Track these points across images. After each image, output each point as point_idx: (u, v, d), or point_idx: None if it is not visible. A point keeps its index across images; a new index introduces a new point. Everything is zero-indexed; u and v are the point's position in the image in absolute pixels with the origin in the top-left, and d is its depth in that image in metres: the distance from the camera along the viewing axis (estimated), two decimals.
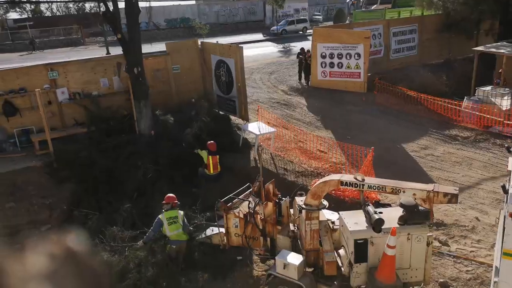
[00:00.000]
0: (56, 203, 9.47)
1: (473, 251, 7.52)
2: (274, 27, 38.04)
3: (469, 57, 18.68)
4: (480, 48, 16.44)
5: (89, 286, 0.74)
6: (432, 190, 5.57)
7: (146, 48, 13.24)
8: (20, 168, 10.09)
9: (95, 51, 30.52)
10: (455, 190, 5.67)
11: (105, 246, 7.41)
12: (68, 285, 0.70)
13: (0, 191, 9.44)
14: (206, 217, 8.20)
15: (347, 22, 35.38)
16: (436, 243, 7.61)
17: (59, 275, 0.68)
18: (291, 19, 39.51)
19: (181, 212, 7.54)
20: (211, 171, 9.86)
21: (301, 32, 37.92)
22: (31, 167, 10.17)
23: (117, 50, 16.47)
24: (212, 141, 9.86)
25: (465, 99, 14.27)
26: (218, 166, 9.96)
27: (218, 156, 9.88)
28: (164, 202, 7.53)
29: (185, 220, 7.57)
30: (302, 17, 41.14)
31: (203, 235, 7.79)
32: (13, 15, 47.87)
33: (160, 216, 7.41)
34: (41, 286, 0.64)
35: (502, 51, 15.31)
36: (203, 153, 9.80)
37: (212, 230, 7.76)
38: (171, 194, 7.64)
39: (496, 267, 5.01)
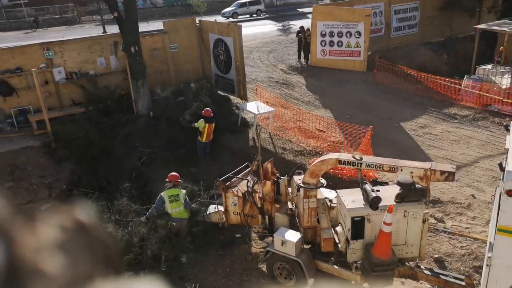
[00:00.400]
0: (55, 182, 9.52)
1: (468, 228, 7.63)
2: (226, 10, 34.53)
3: (471, 35, 18.45)
4: (482, 26, 16.24)
5: (99, 257, 0.75)
6: (429, 168, 5.60)
7: (143, 27, 13.04)
8: (19, 148, 10.09)
9: (91, 30, 30.07)
10: (452, 168, 5.71)
11: (111, 218, 7.52)
12: (78, 256, 0.71)
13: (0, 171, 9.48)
14: (209, 195, 8.28)
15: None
16: (432, 220, 7.72)
17: (68, 246, 0.69)
18: (243, 1, 34.76)
19: (183, 191, 7.61)
20: (204, 139, 10.04)
21: (255, 15, 34.36)
22: (30, 147, 10.18)
23: (113, 29, 16.24)
24: (207, 108, 10.11)
25: (465, 77, 14.18)
26: (212, 135, 10.15)
27: (213, 125, 10.02)
28: (167, 180, 7.61)
29: (187, 198, 7.63)
30: None
31: (207, 212, 7.87)
32: None
33: (162, 193, 7.51)
34: (50, 256, 0.65)
35: (504, 29, 15.11)
36: (200, 122, 9.88)
37: (215, 208, 7.85)
38: (174, 173, 7.71)
39: (490, 242, 5.09)
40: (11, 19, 36.47)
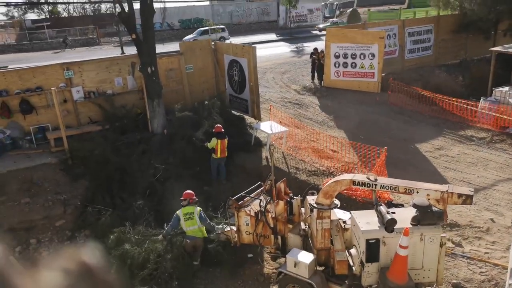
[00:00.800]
0: (70, 199, 9.63)
1: (487, 253, 7.38)
2: (187, 37, 32.93)
3: (486, 57, 18.35)
4: (497, 48, 16.15)
5: None
6: (446, 190, 5.49)
7: (159, 48, 13.36)
8: (36, 164, 10.28)
9: (110, 51, 30.94)
10: (470, 191, 5.58)
11: (129, 237, 7.55)
12: None
13: (17, 187, 9.64)
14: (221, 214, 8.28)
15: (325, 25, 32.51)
16: (450, 244, 7.50)
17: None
18: (205, 28, 34.08)
19: (198, 209, 7.59)
20: (218, 155, 10.09)
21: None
22: (47, 164, 10.36)
23: (131, 50, 16.67)
24: (217, 125, 10.26)
25: (481, 99, 14.02)
26: (226, 151, 10.19)
27: (226, 141, 10.12)
28: (182, 198, 7.63)
29: (203, 215, 7.59)
30: (219, 26, 35.04)
31: (218, 230, 7.82)
32: (31, 16, 48.94)
33: (177, 211, 7.55)
34: None
35: None
36: (213, 141, 9.99)
37: (224, 227, 7.81)
38: (189, 191, 7.73)
39: (511, 269, 4.91)
40: (33, 41, 37.79)
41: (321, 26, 37.37)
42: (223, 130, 10.12)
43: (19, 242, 8.74)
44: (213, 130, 10.18)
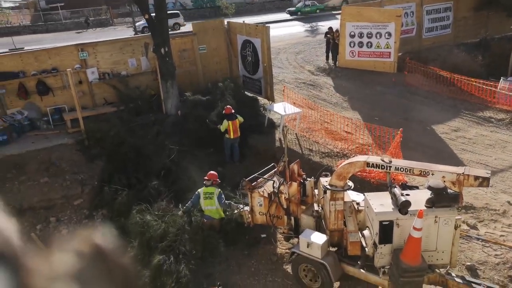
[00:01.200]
0: (87, 179, 9.84)
1: (503, 236, 7.32)
2: (139, 23, 29.96)
3: (508, 36, 17.74)
4: None
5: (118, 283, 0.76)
6: (463, 173, 5.42)
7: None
8: (54, 145, 10.49)
9: (123, 32, 30.91)
10: (487, 173, 5.50)
11: (151, 212, 7.74)
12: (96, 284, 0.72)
13: (36, 167, 9.88)
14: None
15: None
16: (465, 227, 7.46)
17: (86, 273, 0.70)
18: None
19: (218, 190, 7.70)
20: (232, 136, 10.17)
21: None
22: (64, 145, 10.56)
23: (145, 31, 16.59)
24: (227, 106, 10.31)
25: (501, 79, 13.63)
26: (238, 131, 10.26)
27: (238, 121, 10.20)
28: (205, 178, 7.80)
29: (222, 197, 7.69)
30: (173, 11, 31.06)
31: (236, 209, 7.92)
32: None
33: (199, 189, 7.75)
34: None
35: None
36: (224, 124, 10.06)
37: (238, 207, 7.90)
38: (213, 172, 7.90)
39: None
40: (48, 22, 37.96)
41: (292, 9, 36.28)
42: (233, 111, 10.17)
43: (39, 220, 9.02)
44: (223, 111, 10.25)
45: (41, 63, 11.52)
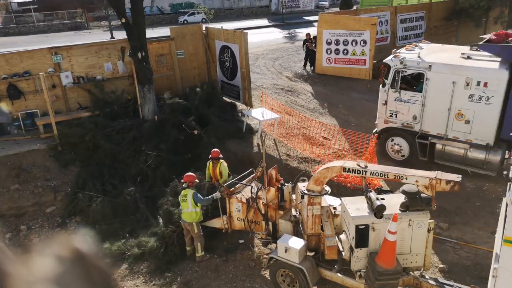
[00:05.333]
0: (60, 185, 9.58)
1: (474, 238, 7.55)
2: None
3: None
4: (488, 35, 16.21)
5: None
6: (435, 177, 5.58)
7: (149, 33, 13.16)
8: (25, 151, 10.17)
9: (99, 35, 30.40)
10: (458, 177, 5.67)
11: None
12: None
13: (6, 173, 9.55)
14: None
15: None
16: (437, 230, 7.65)
17: (65, 277, 0.69)
18: None
19: (192, 191, 7.48)
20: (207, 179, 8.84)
21: None
22: (36, 150, 10.25)
23: (121, 35, 16.39)
24: (215, 149, 8.71)
25: None
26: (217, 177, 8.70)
27: (218, 168, 8.58)
28: (181, 180, 7.70)
29: (199, 196, 7.42)
30: None
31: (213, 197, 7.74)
32: None
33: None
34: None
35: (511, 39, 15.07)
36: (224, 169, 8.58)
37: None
38: (189, 173, 7.74)
39: (496, 253, 5.04)
40: (20, 24, 36.94)
41: None
42: (220, 155, 8.63)
43: (9, 229, 8.70)
44: (210, 155, 8.65)
45: (12, 66, 11.17)
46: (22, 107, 11.38)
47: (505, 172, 5.46)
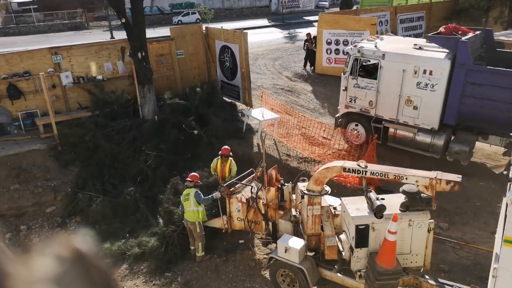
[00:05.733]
0: (60, 185, 9.58)
1: (474, 238, 7.55)
2: None
3: None
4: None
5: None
6: (435, 177, 5.57)
7: (149, 33, 13.16)
8: (25, 151, 10.17)
9: (99, 35, 30.40)
10: (458, 177, 5.67)
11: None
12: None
13: (6, 173, 9.54)
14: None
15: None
16: (437, 230, 7.65)
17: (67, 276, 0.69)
18: None
19: (194, 190, 7.43)
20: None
21: None
22: (36, 150, 10.25)
23: (121, 35, 16.40)
24: (225, 147, 8.76)
25: None
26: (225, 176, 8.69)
27: (228, 166, 8.61)
28: (188, 179, 7.65)
29: (200, 195, 7.39)
30: None
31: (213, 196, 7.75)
32: None
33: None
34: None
35: (511, 39, 15.09)
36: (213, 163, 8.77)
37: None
38: (194, 173, 7.74)
39: (496, 253, 5.03)
40: (20, 24, 36.95)
41: None
42: (230, 153, 8.64)
43: (9, 229, 8.70)
44: (220, 152, 8.63)
45: (12, 66, 11.17)
46: (22, 107, 11.38)
47: (505, 172, 5.46)
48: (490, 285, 4.88)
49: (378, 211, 5.58)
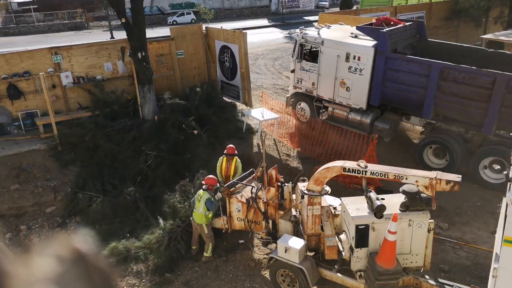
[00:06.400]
0: (60, 185, 9.57)
1: (473, 238, 7.55)
2: None
3: (477, 45, 18.42)
4: (488, 36, 16.22)
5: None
6: (435, 177, 5.57)
7: (149, 33, 13.16)
8: (25, 151, 10.17)
9: (99, 35, 30.40)
10: (458, 177, 5.67)
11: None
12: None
13: (6, 173, 9.54)
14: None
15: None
16: (437, 229, 7.65)
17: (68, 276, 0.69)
18: None
19: (206, 196, 7.45)
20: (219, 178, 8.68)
21: None
22: (36, 150, 10.25)
23: (121, 35, 16.41)
24: (230, 145, 8.77)
25: None
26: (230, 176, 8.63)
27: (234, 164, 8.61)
28: (203, 182, 7.73)
29: (212, 201, 7.41)
30: None
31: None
32: None
33: (199, 190, 7.67)
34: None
35: (511, 39, 15.09)
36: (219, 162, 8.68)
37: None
38: (211, 176, 7.76)
39: (496, 253, 5.03)
40: (20, 24, 36.95)
41: None
42: (235, 152, 8.65)
43: (9, 229, 8.70)
44: (225, 151, 8.68)
45: (12, 66, 11.16)
46: (22, 107, 11.38)
47: (505, 172, 5.46)
48: (490, 285, 4.88)
49: (378, 211, 5.58)
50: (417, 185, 5.66)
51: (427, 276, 6.06)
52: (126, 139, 10.32)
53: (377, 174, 5.97)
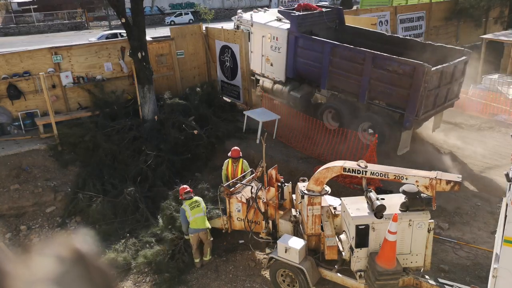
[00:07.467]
0: (60, 185, 9.57)
1: (473, 238, 7.55)
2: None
3: (477, 45, 18.43)
4: (488, 36, 16.22)
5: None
6: (435, 177, 5.57)
7: (150, 33, 13.17)
8: (25, 151, 10.17)
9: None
10: (458, 177, 5.66)
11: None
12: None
13: (6, 173, 9.54)
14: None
15: None
16: (437, 230, 7.65)
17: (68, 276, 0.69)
18: None
19: (197, 197, 7.48)
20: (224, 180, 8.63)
21: None
22: (36, 150, 10.25)
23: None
24: (235, 148, 8.55)
25: (471, 86, 14.14)
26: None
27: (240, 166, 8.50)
28: (184, 192, 7.48)
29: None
30: None
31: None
32: None
33: (182, 207, 7.42)
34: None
35: (511, 39, 15.09)
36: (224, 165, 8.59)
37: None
38: (184, 185, 7.66)
39: (496, 253, 5.03)
40: (20, 24, 36.95)
41: None
42: (240, 154, 8.46)
43: (9, 229, 8.70)
44: (229, 154, 8.51)
45: (12, 66, 11.17)
46: (22, 107, 11.38)
47: (505, 172, 5.45)
48: (490, 285, 4.88)
49: (378, 211, 5.58)
50: (417, 185, 5.65)
51: (427, 276, 6.06)
52: (126, 139, 10.32)
53: (377, 174, 5.96)
